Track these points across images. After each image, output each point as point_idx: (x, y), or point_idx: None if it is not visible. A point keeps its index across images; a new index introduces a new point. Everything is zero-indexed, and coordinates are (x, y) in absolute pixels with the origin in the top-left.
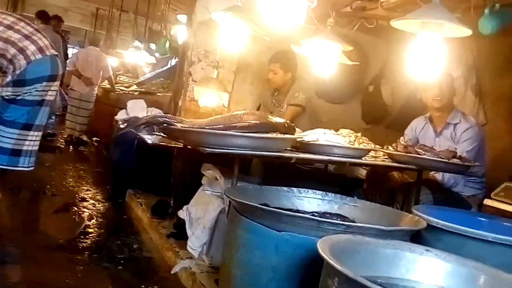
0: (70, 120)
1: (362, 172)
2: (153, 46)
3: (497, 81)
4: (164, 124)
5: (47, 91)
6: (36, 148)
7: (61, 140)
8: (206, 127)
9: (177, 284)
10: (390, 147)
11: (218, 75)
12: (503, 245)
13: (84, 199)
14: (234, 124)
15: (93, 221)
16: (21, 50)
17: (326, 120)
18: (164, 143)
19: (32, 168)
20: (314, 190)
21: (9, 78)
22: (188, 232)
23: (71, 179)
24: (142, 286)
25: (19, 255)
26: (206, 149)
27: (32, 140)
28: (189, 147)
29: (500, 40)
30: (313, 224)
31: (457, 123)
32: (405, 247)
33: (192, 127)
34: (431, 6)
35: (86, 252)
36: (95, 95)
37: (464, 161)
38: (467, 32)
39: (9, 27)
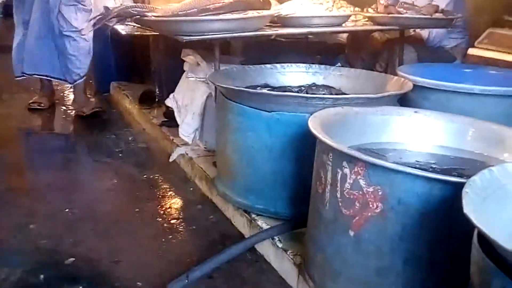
0: None
1: (343, 36)
2: None
3: None
4: (137, 16)
5: None
6: None
7: None
8: (180, 13)
9: (177, 171)
10: (370, 9)
11: None
12: (490, 96)
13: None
14: (208, 6)
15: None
16: None
17: None
18: (139, 33)
19: None
20: (298, 64)
21: None
22: (178, 119)
23: None
24: (145, 176)
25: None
26: (184, 37)
27: None
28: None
29: None
30: (301, 101)
31: None
32: (394, 112)
33: (166, 16)
34: None
35: (84, 150)
36: None
37: (447, 14)
38: None
39: None
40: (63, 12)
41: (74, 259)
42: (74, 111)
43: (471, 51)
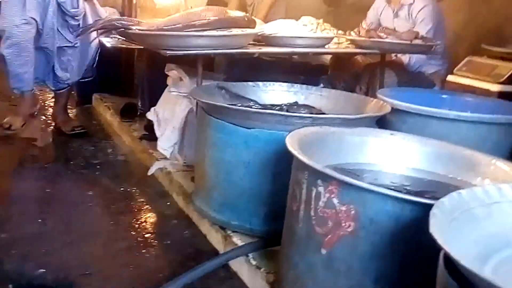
0: None
1: (327, 57)
2: None
3: None
4: (122, 29)
5: None
6: None
7: None
8: (165, 28)
9: (154, 184)
10: (352, 32)
11: None
12: (464, 121)
13: (50, 107)
14: (193, 22)
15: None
16: None
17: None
18: (124, 45)
19: None
20: (280, 83)
21: None
22: (157, 133)
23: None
24: (121, 189)
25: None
26: (168, 51)
27: None
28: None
29: None
30: (280, 119)
31: (411, 3)
32: (371, 133)
33: (151, 30)
34: None
35: (61, 160)
36: None
37: (426, 41)
38: None
39: None
40: (59, 29)
41: (44, 270)
42: (52, 126)
43: (450, 77)
